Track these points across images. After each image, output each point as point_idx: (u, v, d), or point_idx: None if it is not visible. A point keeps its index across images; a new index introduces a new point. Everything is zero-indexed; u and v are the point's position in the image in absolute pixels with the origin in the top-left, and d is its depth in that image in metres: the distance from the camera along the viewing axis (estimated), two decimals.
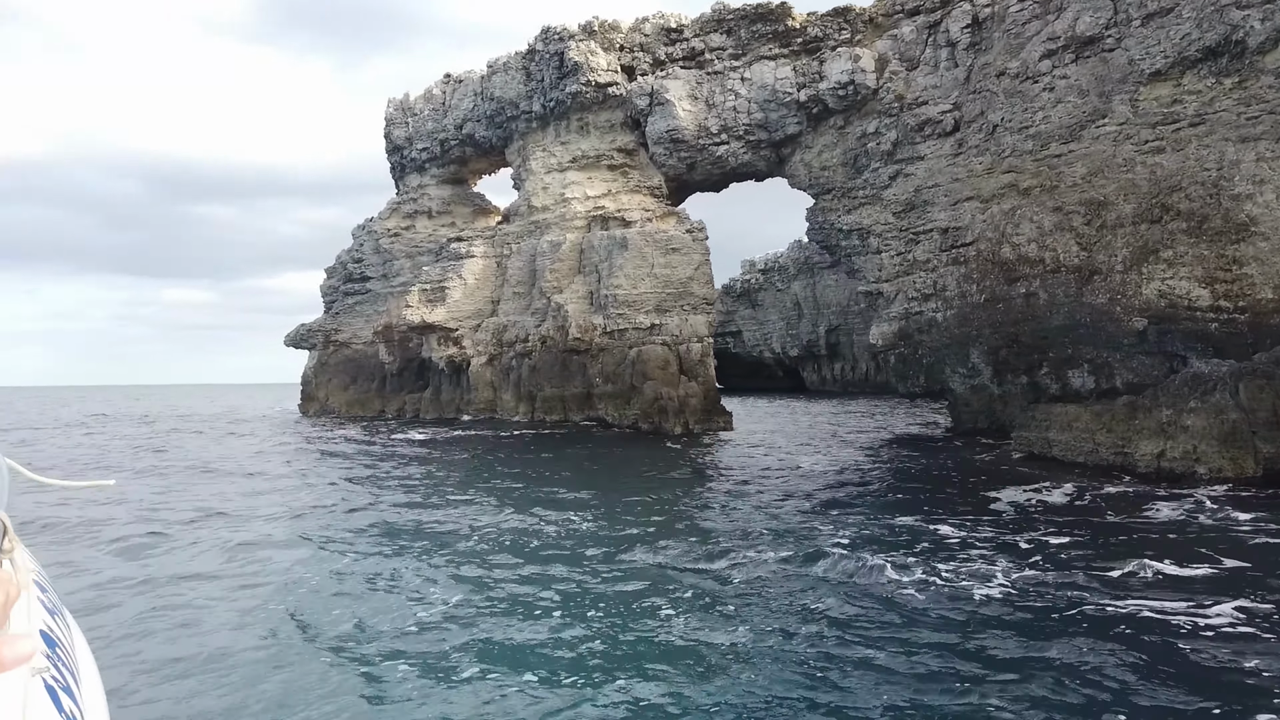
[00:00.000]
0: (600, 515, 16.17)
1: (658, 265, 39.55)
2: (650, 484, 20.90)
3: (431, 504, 18.14)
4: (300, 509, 17.84)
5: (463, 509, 17.29)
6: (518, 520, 15.75)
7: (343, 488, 20.92)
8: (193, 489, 20.84)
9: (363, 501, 18.59)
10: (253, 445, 34.59)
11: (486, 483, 21.28)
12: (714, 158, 41.87)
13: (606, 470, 23.83)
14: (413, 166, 55.26)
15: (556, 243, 42.29)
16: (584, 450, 29.59)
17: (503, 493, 19.44)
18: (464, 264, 44.99)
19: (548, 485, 20.52)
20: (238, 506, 17.98)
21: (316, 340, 58.07)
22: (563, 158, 44.10)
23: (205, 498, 19.24)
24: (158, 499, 18.97)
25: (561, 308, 40.92)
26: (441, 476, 22.74)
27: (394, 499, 18.87)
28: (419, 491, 19.91)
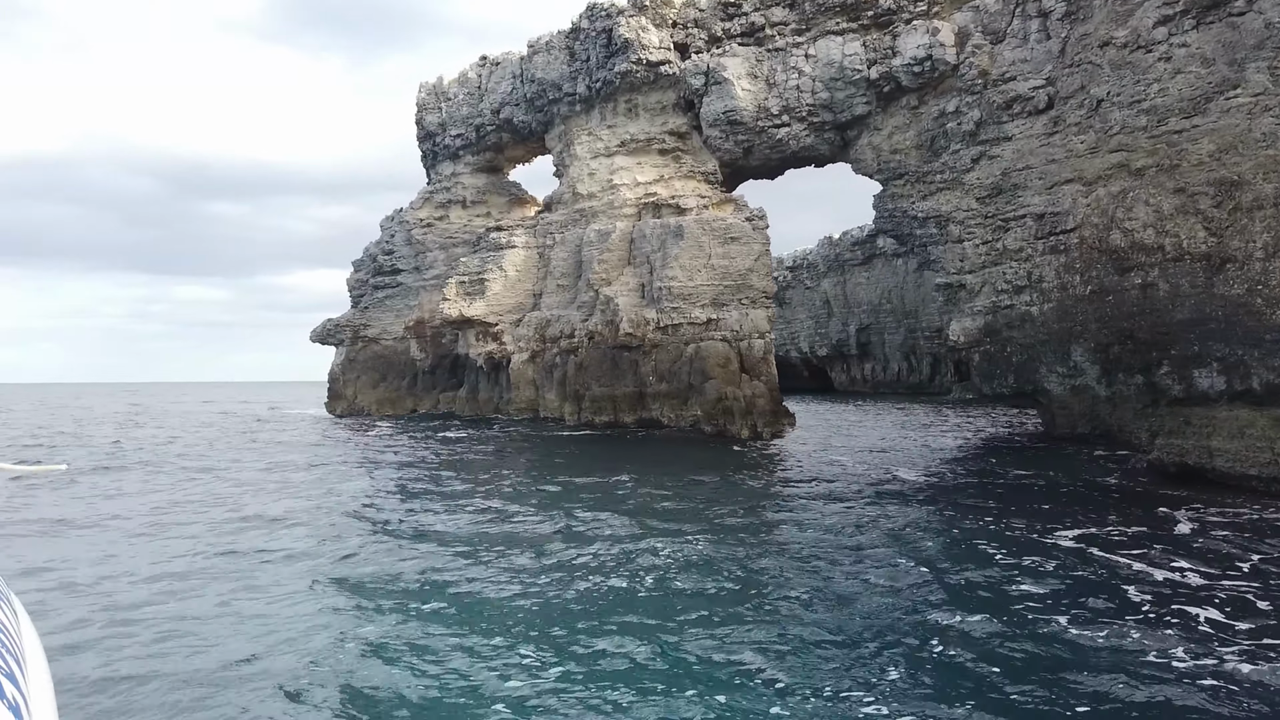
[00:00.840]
0: (718, 544, 13.51)
1: (715, 255, 36.85)
2: (749, 500, 18.21)
3: (516, 533, 15.52)
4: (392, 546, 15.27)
5: (562, 543, 14.65)
6: (634, 555, 13.10)
7: (426, 516, 18.36)
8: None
9: (440, 525, 16.02)
10: (302, 454, 32.14)
11: (572, 501, 18.65)
12: (773, 141, 39.10)
13: (695, 485, 21.14)
14: (446, 154, 52.75)
15: (605, 232, 39.64)
16: (654, 455, 26.93)
17: (594, 519, 16.80)
18: (504, 255, 42.42)
19: (655, 516, 17.86)
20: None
21: (344, 336, 55.68)
22: (610, 142, 41.45)
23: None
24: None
25: (611, 301, 38.26)
26: (516, 490, 20.13)
27: (467, 514, 16.26)
28: (492, 503, 17.33)
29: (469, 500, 17.77)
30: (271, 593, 10.77)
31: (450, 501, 17.67)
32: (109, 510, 17.33)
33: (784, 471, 23.36)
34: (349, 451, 30.38)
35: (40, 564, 12.35)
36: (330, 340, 58.47)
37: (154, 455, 30.07)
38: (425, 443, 32.29)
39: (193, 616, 9.73)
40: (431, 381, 51.89)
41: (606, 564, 12.00)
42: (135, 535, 14.71)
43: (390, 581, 11.31)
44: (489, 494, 18.86)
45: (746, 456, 26.72)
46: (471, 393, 45.73)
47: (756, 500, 17.97)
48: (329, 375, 58.25)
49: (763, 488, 20.00)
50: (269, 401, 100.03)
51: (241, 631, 9.20)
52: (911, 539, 13.72)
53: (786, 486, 20.30)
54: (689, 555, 12.47)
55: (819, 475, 22.37)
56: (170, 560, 12.69)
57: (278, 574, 11.82)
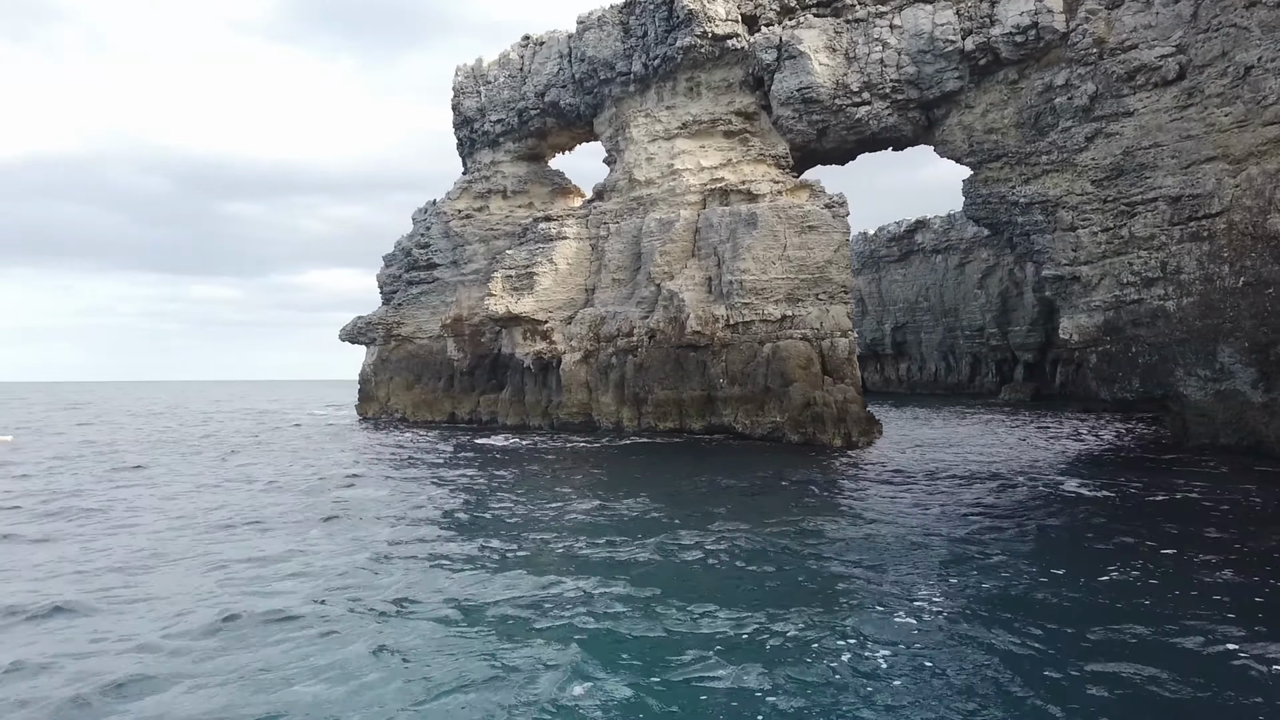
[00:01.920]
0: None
1: (791, 246, 33.58)
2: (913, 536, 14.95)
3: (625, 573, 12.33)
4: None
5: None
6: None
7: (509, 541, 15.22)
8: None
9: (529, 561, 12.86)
10: (346, 469, 29.08)
11: (676, 530, 15.45)
12: (851, 121, 35.79)
13: (826, 522, 17.89)
14: (484, 141, 49.65)
15: (667, 221, 36.42)
16: (744, 475, 23.67)
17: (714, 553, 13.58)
18: (555, 246, 39.26)
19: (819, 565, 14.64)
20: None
21: (376, 335, 52.69)
22: (669, 124, 38.23)
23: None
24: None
25: (675, 296, 35.06)
26: (611, 520, 16.95)
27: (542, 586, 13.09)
28: (582, 536, 14.17)
29: (540, 569, 14.33)
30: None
31: (520, 572, 14.40)
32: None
33: (920, 494, 20.07)
34: (385, 473, 27.29)
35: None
36: (361, 339, 55.50)
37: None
38: (479, 466, 29.17)
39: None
40: (470, 383, 48.79)
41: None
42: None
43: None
44: (572, 543, 15.68)
45: (860, 472, 23.42)
46: (516, 395, 42.62)
47: (921, 547, 14.73)
48: (360, 376, 55.29)
49: (914, 513, 16.75)
50: (295, 401, 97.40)
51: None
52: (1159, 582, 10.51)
53: (949, 523, 17.02)
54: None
55: (963, 498, 19.08)
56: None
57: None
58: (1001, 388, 71.19)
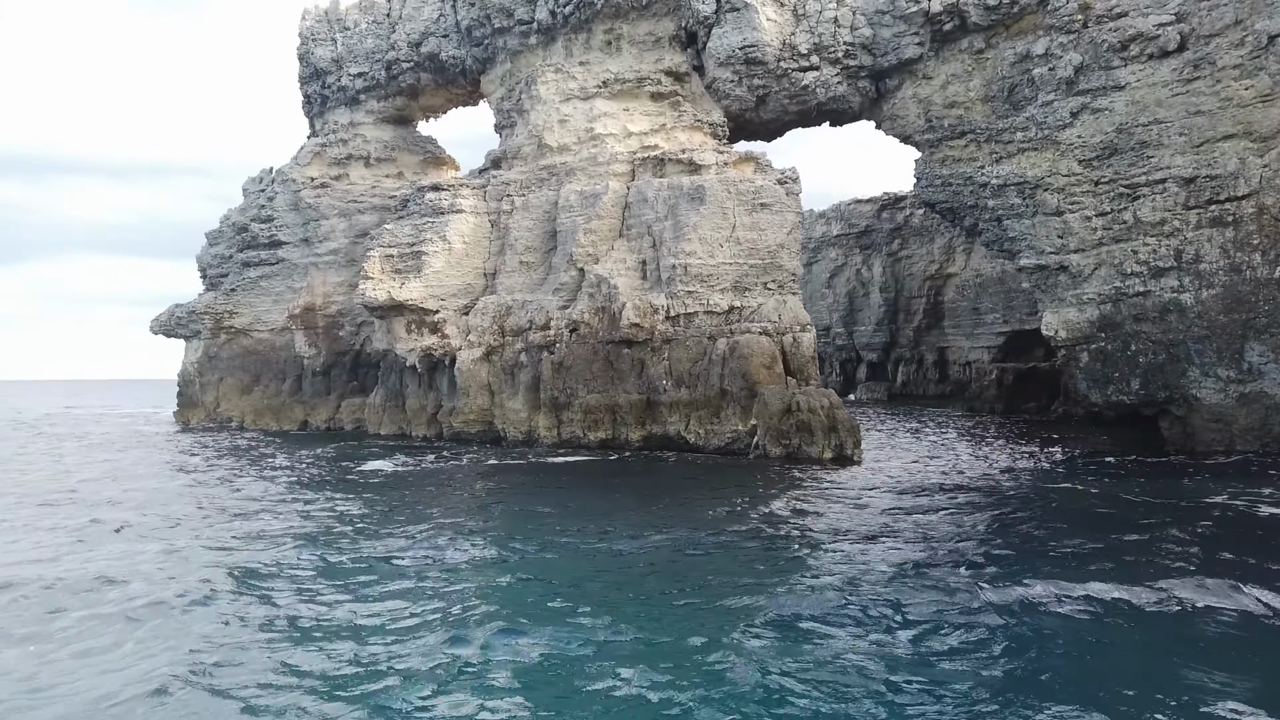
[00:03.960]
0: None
1: (741, 227, 28.98)
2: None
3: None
4: None
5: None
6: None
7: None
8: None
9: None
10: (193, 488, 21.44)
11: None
12: (796, 89, 31.65)
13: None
14: (340, 99, 41.94)
15: (590, 194, 30.80)
16: (730, 501, 18.72)
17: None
18: (448, 221, 32.63)
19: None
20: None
21: (201, 326, 43.59)
22: (586, 82, 32.63)
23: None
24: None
25: (604, 282, 29.59)
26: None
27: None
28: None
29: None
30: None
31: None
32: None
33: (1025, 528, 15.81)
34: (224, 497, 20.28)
35: None
36: (180, 332, 46.04)
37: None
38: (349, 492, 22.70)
39: None
40: (325, 385, 41.05)
41: None
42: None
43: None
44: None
45: (904, 508, 18.98)
46: (393, 400, 35.57)
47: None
48: (180, 376, 45.81)
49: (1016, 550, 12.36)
50: (66, 404, 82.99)
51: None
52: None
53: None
54: None
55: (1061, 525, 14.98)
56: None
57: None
58: (857, 388, 70.14)
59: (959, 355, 63.54)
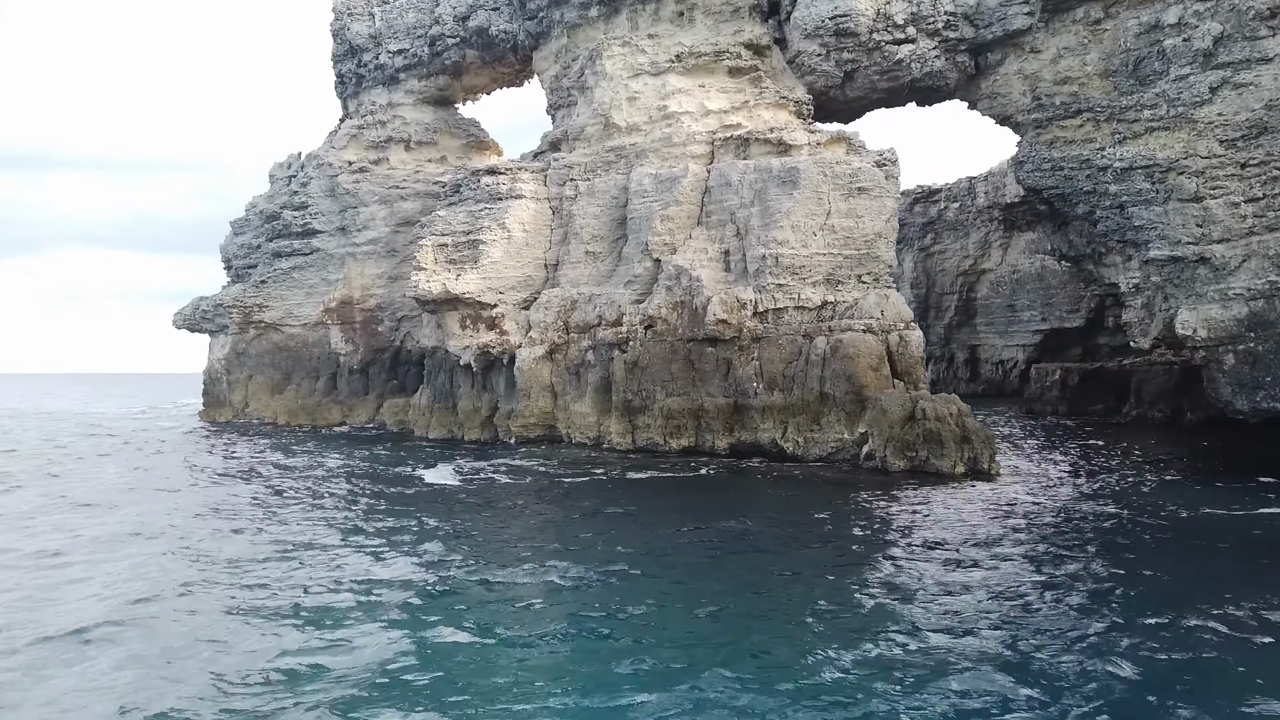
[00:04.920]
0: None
1: (837, 213, 26.34)
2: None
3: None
4: None
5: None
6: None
7: None
8: None
9: None
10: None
11: None
12: (889, 63, 29.00)
13: None
14: (378, 78, 39.28)
15: (667, 177, 28.15)
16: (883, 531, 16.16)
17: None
18: (507, 208, 29.99)
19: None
20: None
21: (229, 320, 40.97)
22: (657, 56, 29.96)
23: None
24: None
25: (685, 274, 26.97)
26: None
27: None
28: None
29: None
30: None
31: None
32: None
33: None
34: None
35: None
36: (205, 327, 43.44)
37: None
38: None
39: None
40: (363, 384, 38.48)
41: None
42: None
43: None
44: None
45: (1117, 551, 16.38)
46: (442, 401, 32.97)
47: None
48: (206, 374, 43.22)
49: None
50: (85, 402, 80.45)
51: None
52: None
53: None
54: None
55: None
56: None
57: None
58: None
59: (991, 354, 61.00)
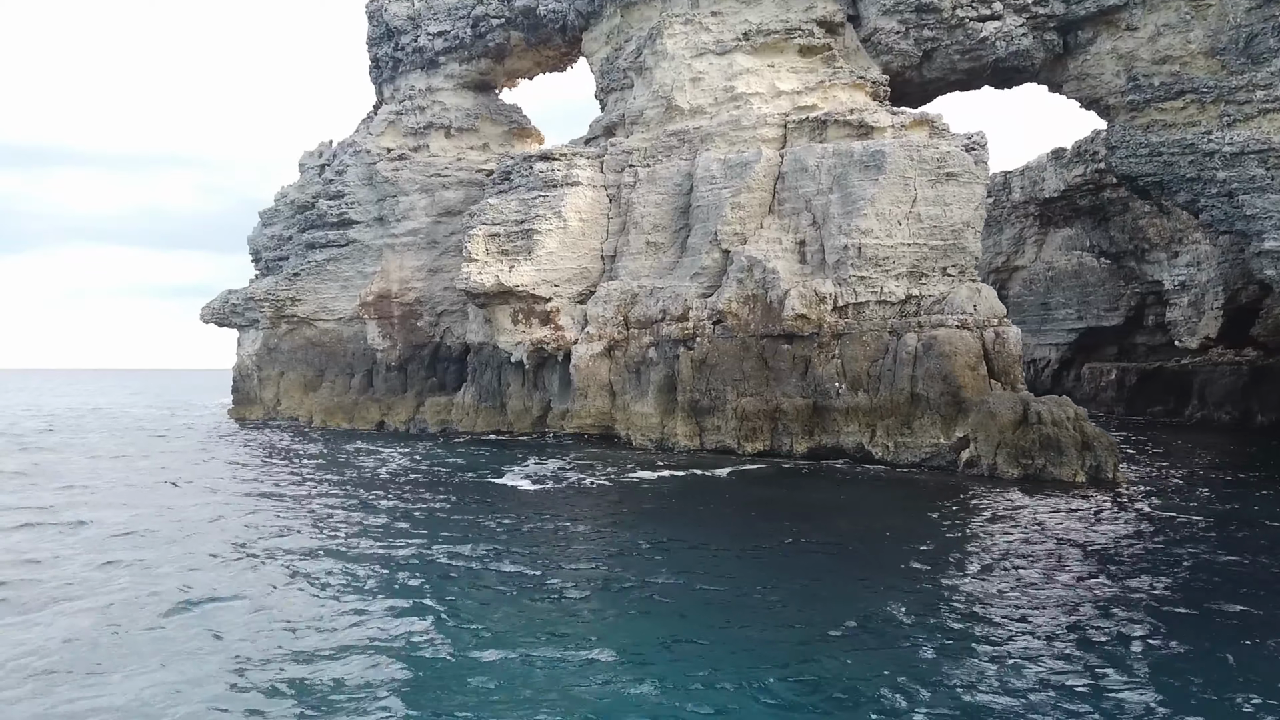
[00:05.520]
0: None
1: (923, 201, 24.53)
2: None
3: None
4: None
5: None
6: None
7: None
8: None
9: None
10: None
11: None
12: (972, 41, 27.19)
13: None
14: (415, 62, 37.58)
15: (738, 163, 26.38)
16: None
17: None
18: (563, 196, 28.27)
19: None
20: None
21: (260, 315, 39.37)
22: (722, 34, 28.19)
23: None
24: None
25: (758, 266, 25.21)
26: None
27: None
28: None
29: None
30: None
31: None
32: None
33: None
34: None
35: None
36: (234, 321, 41.89)
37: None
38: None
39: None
40: (401, 381, 36.82)
41: None
42: None
43: None
44: None
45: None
46: (489, 400, 31.28)
47: None
48: (235, 370, 41.66)
49: None
50: (89, 396, 79.08)
51: None
52: None
53: None
54: None
55: None
56: None
57: None
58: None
59: (1024, 353, 59.08)
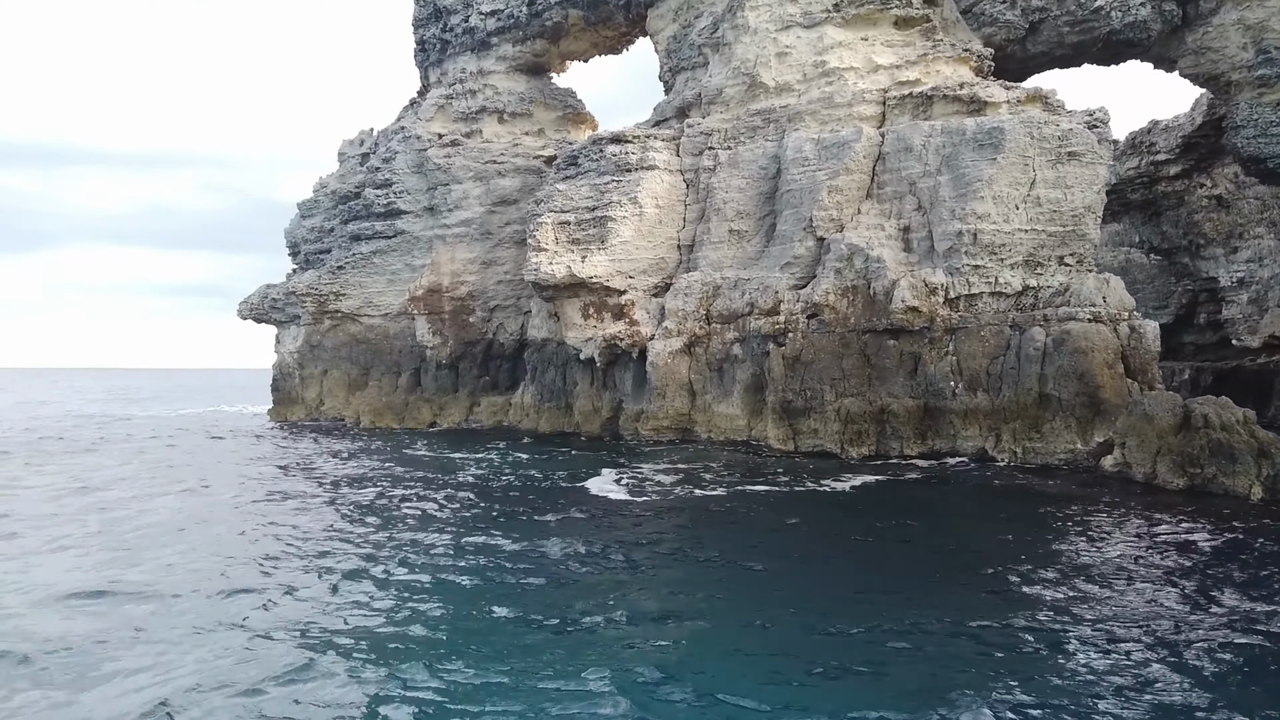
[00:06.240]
0: None
1: (1043, 183, 22.39)
2: None
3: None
4: None
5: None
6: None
7: None
8: None
9: None
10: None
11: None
12: (1085, 11, 25.09)
13: None
14: (466, 44, 35.64)
15: (835, 143, 24.30)
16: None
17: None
18: (639, 181, 26.26)
19: None
20: None
21: (302, 310, 37.53)
22: (810, 6, 26.11)
23: None
24: None
25: (860, 254, 23.13)
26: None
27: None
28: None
29: None
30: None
31: None
32: None
33: None
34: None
35: None
36: (273, 317, 40.08)
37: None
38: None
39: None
40: (452, 380, 34.90)
41: None
42: None
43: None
44: None
45: None
46: (551, 400, 29.31)
47: None
48: (276, 368, 39.82)
49: None
50: (122, 399, 77.47)
51: None
52: None
53: None
54: None
55: None
56: None
57: None
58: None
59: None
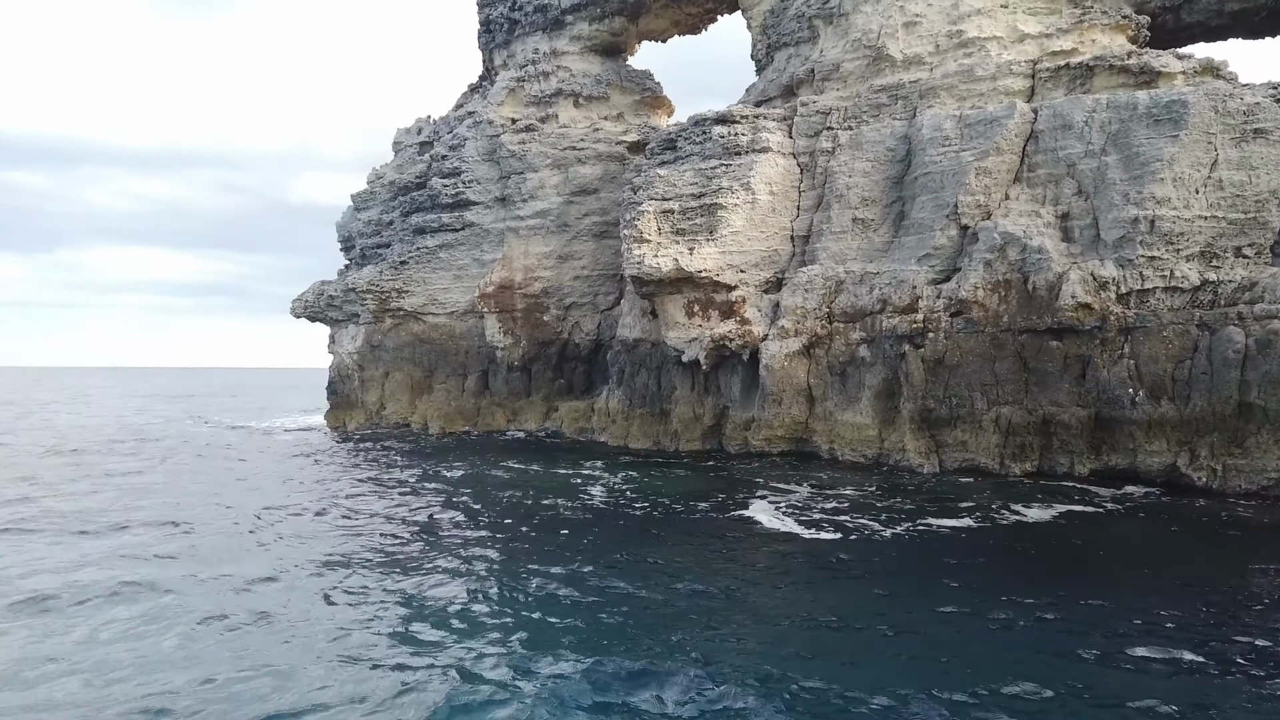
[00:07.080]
0: None
1: (1226, 164, 19.77)
2: None
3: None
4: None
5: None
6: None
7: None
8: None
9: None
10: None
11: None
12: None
13: None
14: (537, 23, 33.27)
15: (981, 120, 21.75)
16: None
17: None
18: (752, 165, 23.79)
19: None
20: None
21: (362, 308, 35.28)
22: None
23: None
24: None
25: (1015, 244, 20.59)
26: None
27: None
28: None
29: None
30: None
31: None
32: None
33: None
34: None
35: None
36: (329, 315, 37.84)
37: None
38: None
39: None
40: (524, 383, 32.58)
41: None
42: None
43: None
44: None
45: None
46: (643, 405, 26.92)
47: None
48: (333, 370, 37.60)
49: None
50: (141, 403, 75.70)
51: None
52: None
53: None
54: None
55: None
56: None
57: None
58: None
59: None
